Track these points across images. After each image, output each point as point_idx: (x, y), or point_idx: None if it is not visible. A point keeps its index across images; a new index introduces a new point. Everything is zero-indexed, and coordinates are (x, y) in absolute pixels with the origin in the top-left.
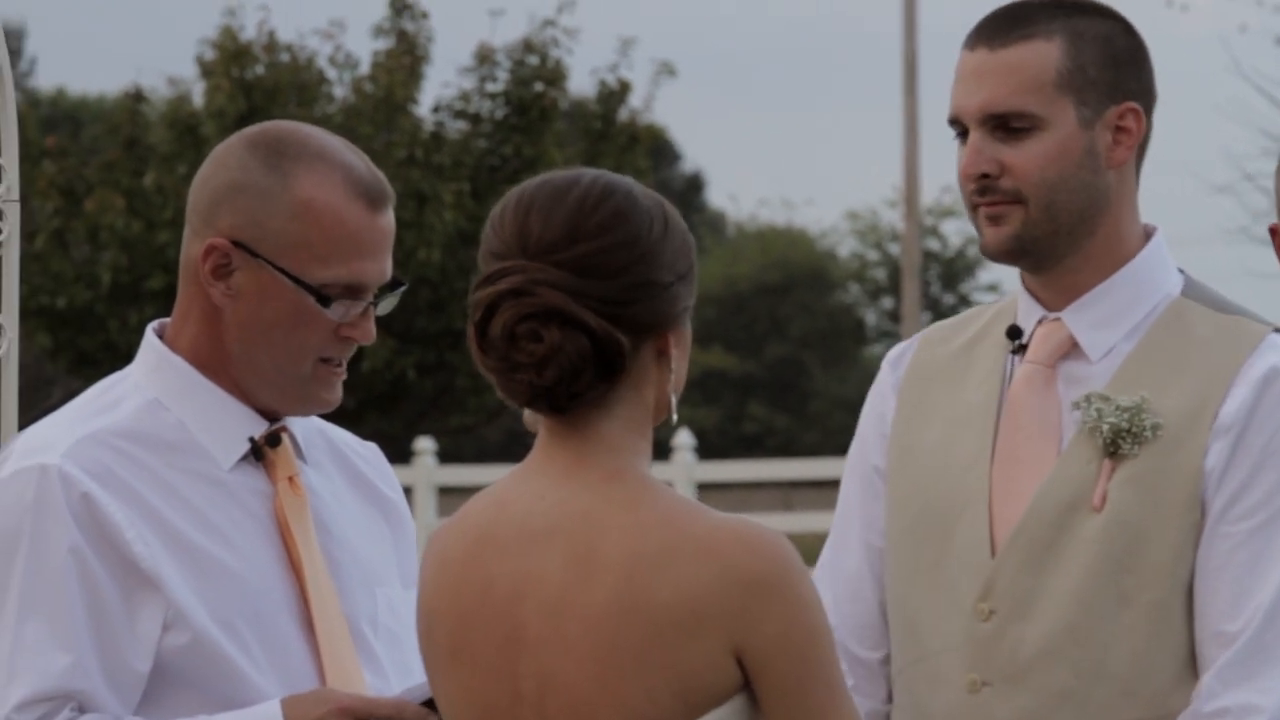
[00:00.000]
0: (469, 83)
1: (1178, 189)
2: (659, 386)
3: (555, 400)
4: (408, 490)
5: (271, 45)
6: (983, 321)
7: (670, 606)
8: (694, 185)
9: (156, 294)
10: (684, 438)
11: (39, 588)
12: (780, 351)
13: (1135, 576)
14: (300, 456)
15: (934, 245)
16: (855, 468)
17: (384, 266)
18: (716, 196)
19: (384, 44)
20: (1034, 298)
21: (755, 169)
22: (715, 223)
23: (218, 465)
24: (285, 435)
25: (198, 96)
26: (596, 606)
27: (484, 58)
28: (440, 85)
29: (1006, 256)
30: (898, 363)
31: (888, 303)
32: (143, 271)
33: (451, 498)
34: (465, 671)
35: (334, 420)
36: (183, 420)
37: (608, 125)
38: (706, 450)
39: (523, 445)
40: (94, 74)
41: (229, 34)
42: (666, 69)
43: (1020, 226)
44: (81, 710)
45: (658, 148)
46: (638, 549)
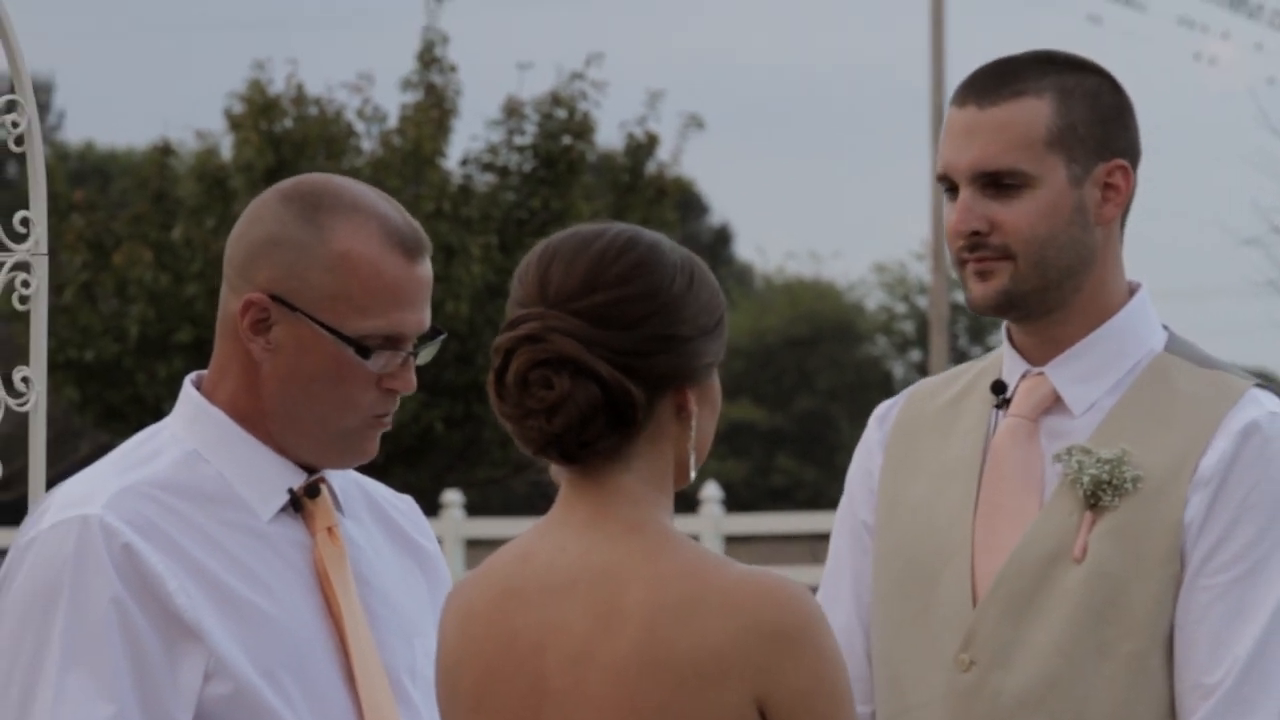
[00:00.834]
0: (497, 136)
1: (1205, 241)
2: (679, 444)
3: (565, 448)
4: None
5: (300, 99)
6: (969, 377)
7: (693, 658)
8: (722, 238)
9: (185, 347)
10: (711, 490)
11: (81, 639)
12: (808, 404)
13: (1115, 628)
14: (338, 508)
15: (961, 298)
16: (844, 523)
17: (423, 316)
18: (744, 249)
19: (412, 97)
20: (1018, 352)
21: (783, 221)
22: (743, 275)
23: (257, 517)
24: (324, 486)
25: (226, 150)
26: (619, 658)
27: (512, 111)
28: (468, 138)
29: (994, 310)
30: (884, 419)
31: (915, 355)
32: (171, 324)
33: (479, 550)
34: None
35: (361, 472)
36: (221, 472)
37: (635, 178)
38: (734, 503)
39: (549, 498)
40: (122, 127)
41: (257, 87)
42: (694, 121)
43: (1009, 281)
44: None
45: (685, 200)
46: (660, 601)
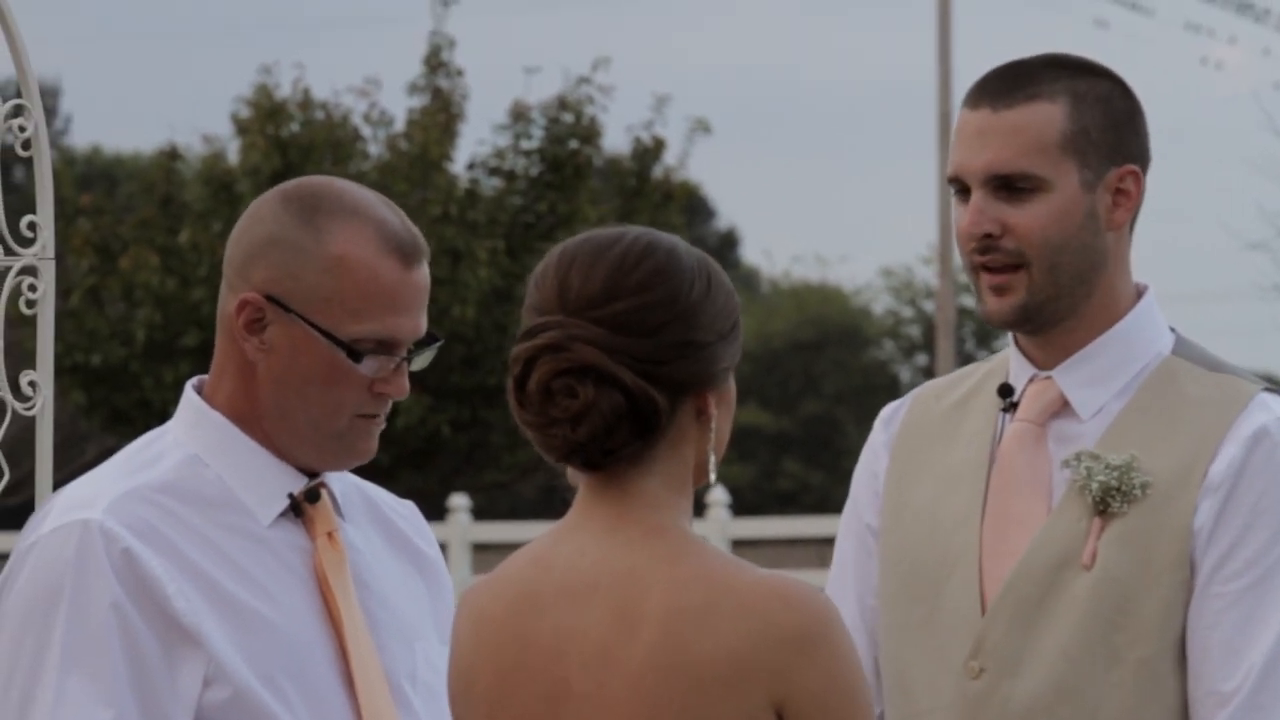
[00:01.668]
0: (504, 140)
1: (1211, 245)
2: (699, 446)
3: (589, 456)
4: (442, 547)
5: (306, 103)
6: (975, 379)
7: (711, 661)
8: (728, 242)
9: (191, 351)
10: (718, 494)
11: (80, 643)
12: (814, 408)
13: (1125, 634)
14: (338, 512)
15: (968, 302)
16: (850, 527)
17: (418, 322)
18: (751, 253)
19: (419, 101)
20: (1025, 356)
21: (789, 225)
22: (749, 279)
23: (257, 521)
24: (324, 491)
25: (233, 154)
26: (638, 662)
27: (519, 115)
28: (475, 142)
29: (1011, 325)
30: (890, 421)
31: (922, 359)
32: (177, 329)
33: (486, 554)
34: None
35: (368, 477)
36: (222, 476)
37: (642, 182)
38: (741, 507)
39: (557, 501)
40: (129, 132)
41: (264, 92)
42: (701, 126)
43: (1025, 294)
44: None
45: (692, 204)
46: (679, 604)
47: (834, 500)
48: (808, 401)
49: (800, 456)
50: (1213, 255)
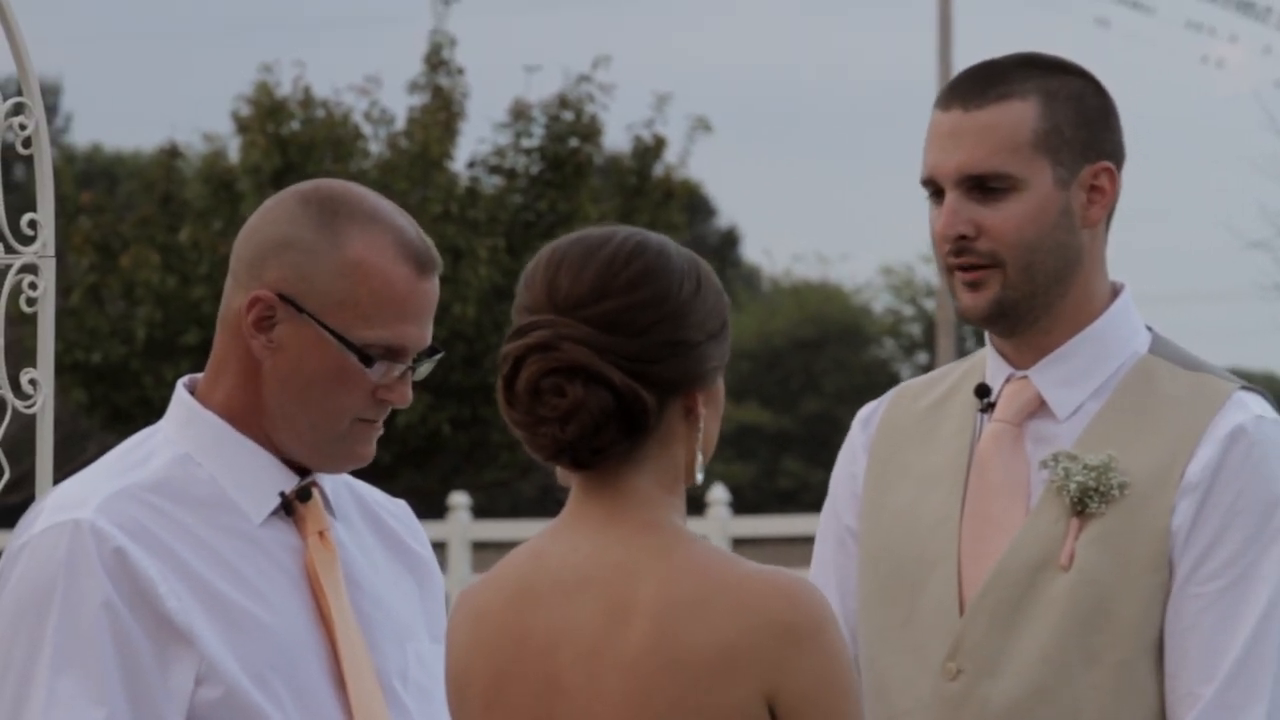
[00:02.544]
0: (504, 138)
1: (1212, 244)
2: (688, 445)
3: (578, 455)
4: (442, 545)
5: (307, 101)
6: (952, 379)
7: (704, 654)
8: (729, 240)
9: (191, 349)
10: (719, 493)
11: (72, 642)
12: (815, 406)
13: (1103, 635)
14: (330, 511)
15: None
16: (828, 528)
17: (426, 332)
18: (751, 251)
19: (420, 100)
20: (1002, 356)
21: (790, 224)
22: (750, 278)
23: (249, 520)
24: (316, 490)
25: (233, 152)
26: (631, 654)
27: (519, 113)
28: (476, 141)
29: (985, 321)
30: (868, 422)
31: (922, 358)
32: (178, 327)
33: (486, 553)
34: None
35: (368, 475)
36: (214, 475)
37: (643, 181)
38: (741, 505)
39: (556, 500)
40: (129, 130)
41: (265, 90)
42: (702, 124)
43: (1000, 290)
44: None
45: (693, 203)
46: (672, 597)
47: None
48: (808, 400)
49: (801, 455)
50: (1213, 254)
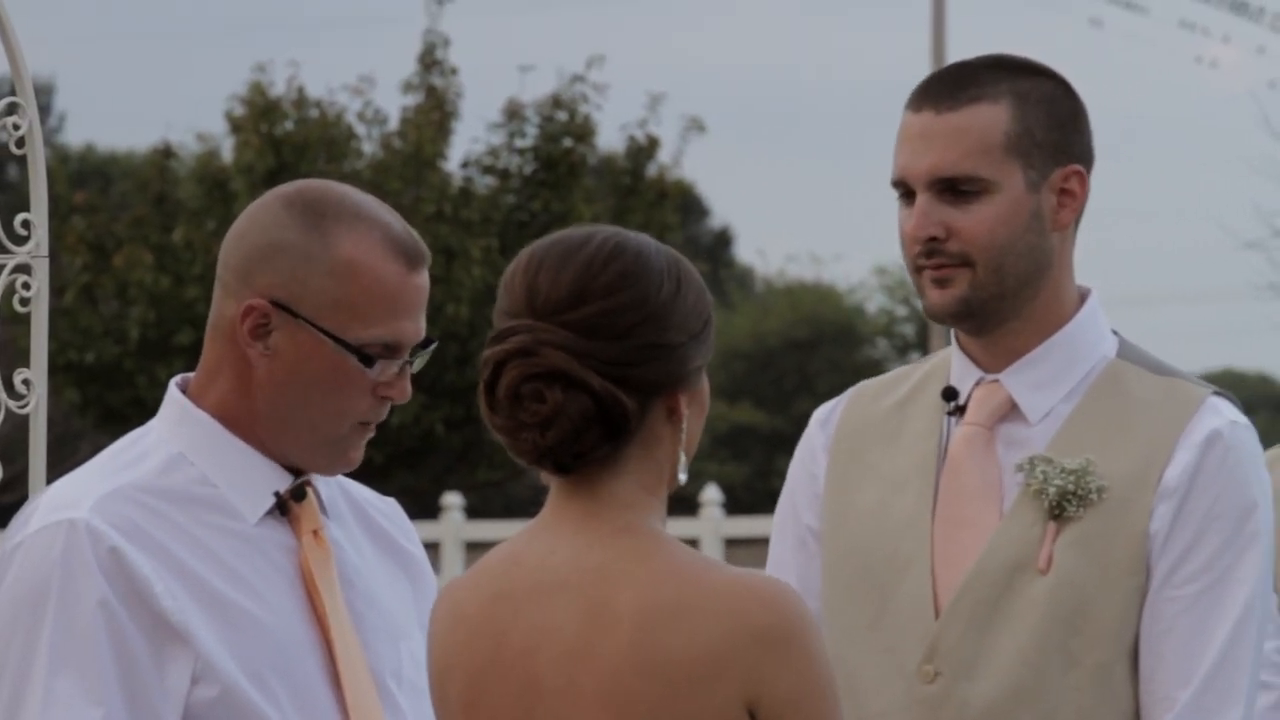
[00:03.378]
0: (498, 138)
1: (1207, 244)
2: (670, 447)
3: (559, 460)
4: (435, 545)
5: (301, 101)
6: (914, 381)
7: (684, 659)
8: (722, 240)
9: (185, 349)
10: (712, 493)
11: (69, 642)
12: (809, 407)
13: (1081, 638)
14: (323, 511)
15: None
16: (786, 528)
17: (420, 325)
18: (745, 252)
19: (413, 100)
20: (970, 359)
21: (784, 224)
22: (744, 278)
23: (243, 520)
24: (309, 489)
25: (227, 152)
26: (610, 659)
27: (513, 113)
28: (469, 141)
29: (952, 319)
30: (826, 422)
31: (916, 358)
32: (171, 327)
33: (479, 553)
34: None
35: (362, 476)
36: (207, 475)
37: (636, 181)
38: (735, 506)
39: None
40: (123, 130)
41: (258, 90)
42: (695, 124)
43: (968, 289)
44: None
45: (686, 203)
46: (651, 601)
47: None
48: (802, 400)
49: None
50: (1207, 255)
